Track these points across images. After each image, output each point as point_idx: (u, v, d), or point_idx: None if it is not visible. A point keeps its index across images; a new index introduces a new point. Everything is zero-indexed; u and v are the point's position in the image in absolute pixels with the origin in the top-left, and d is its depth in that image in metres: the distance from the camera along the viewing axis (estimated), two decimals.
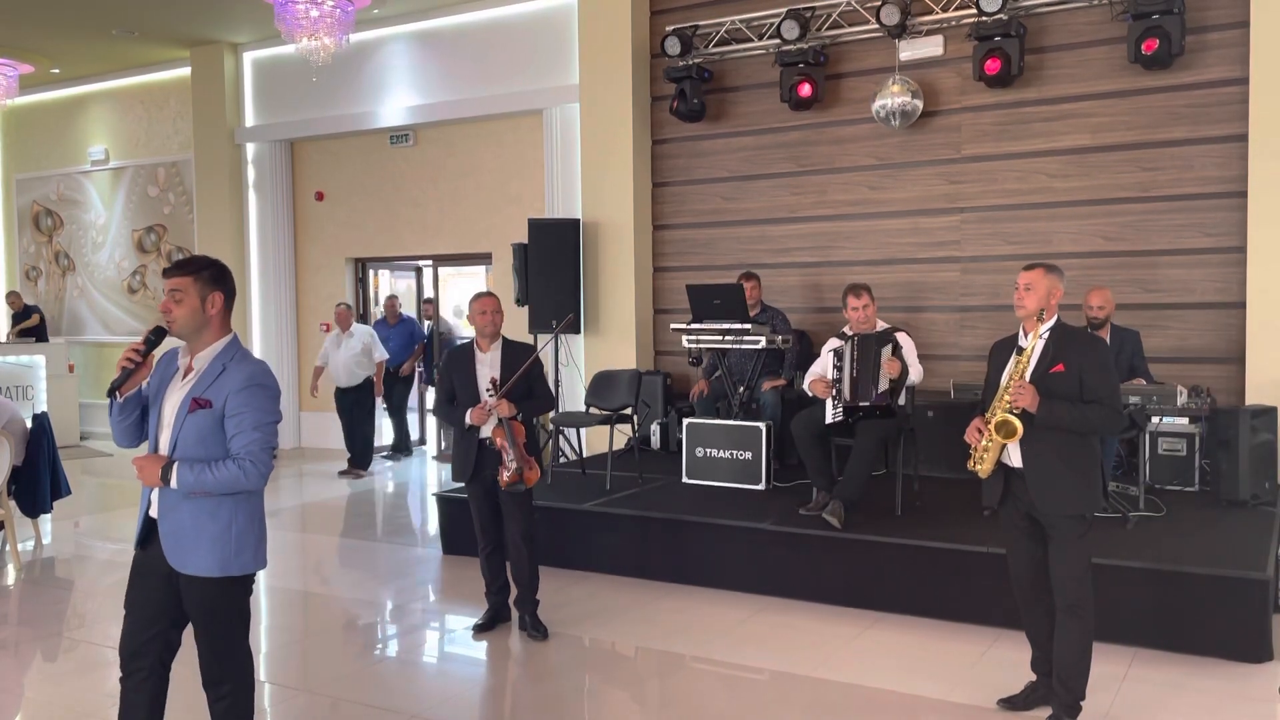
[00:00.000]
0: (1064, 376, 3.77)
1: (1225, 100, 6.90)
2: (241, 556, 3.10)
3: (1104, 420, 3.79)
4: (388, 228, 10.75)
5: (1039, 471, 3.79)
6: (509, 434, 4.86)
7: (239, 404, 3.00)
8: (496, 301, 5.09)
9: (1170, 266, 7.13)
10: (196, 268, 3.08)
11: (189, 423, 3.01)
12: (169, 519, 3.04)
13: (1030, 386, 3.73)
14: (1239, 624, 4.56)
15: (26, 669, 4.86)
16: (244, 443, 3.00)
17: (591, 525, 6.25)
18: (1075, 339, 3.87)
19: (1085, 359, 3.78)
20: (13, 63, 11.48)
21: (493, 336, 5.04)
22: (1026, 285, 3.87)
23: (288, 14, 8.34)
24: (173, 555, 3.04)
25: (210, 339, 3.08)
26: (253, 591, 3.23)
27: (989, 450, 3.83)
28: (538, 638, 5.04)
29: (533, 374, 5.02)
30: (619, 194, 8.92)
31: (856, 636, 5.01)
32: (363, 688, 4.51)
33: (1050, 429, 3.75)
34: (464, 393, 4.98)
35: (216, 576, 3.06)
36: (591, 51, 8.98)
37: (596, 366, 8.41)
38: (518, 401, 4.93)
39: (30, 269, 13.67)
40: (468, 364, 5.03)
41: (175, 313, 3.03)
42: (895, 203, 8.03)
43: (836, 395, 5.83)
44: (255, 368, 3.08)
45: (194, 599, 3.08)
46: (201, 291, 3.05)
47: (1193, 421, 6.37)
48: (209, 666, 3.14)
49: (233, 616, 3.15)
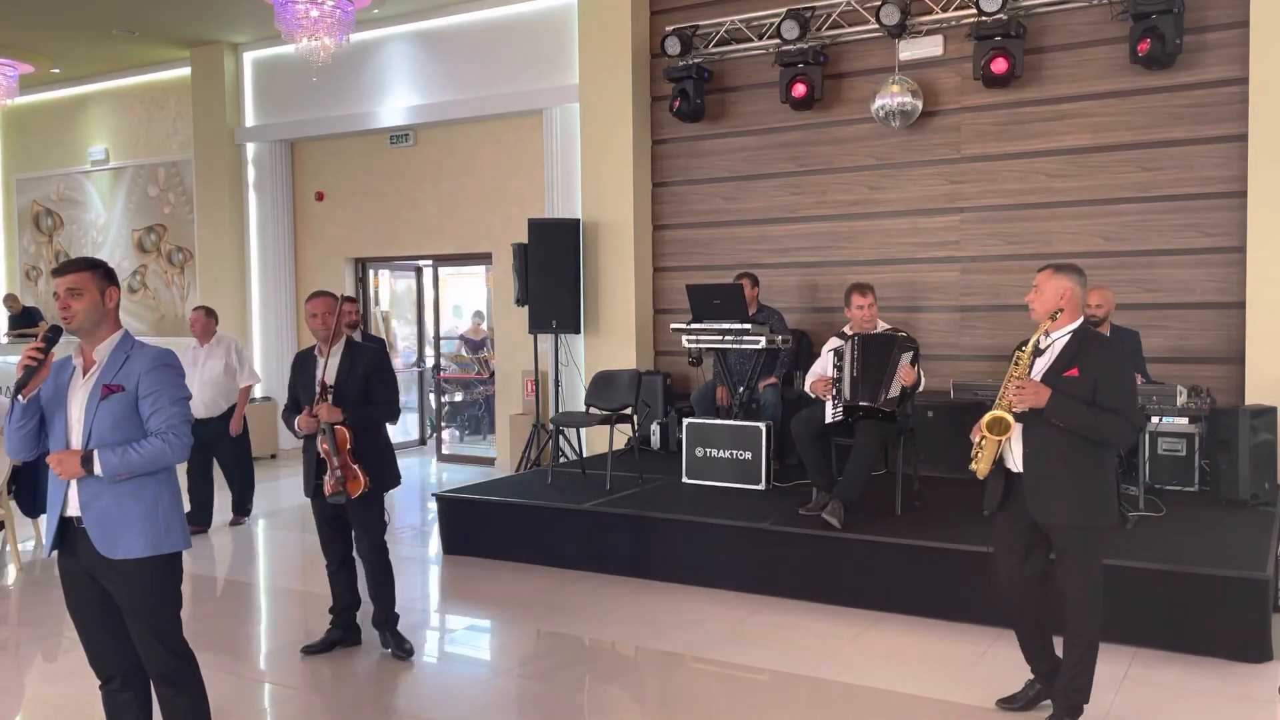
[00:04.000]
0: (1077, 382, 3.63)
1: (1225, 100, 6.91)
2: (171, 534, 3.14)
3: (1117, 430, 3.64)
4: (388, 228, 10.75)
5: (1037, 474, 3.68)
6: (331, 440, 4.60)
7: (152, 383, 3.09)
8: (331, 302, 4.74)
9: (1170, 266, 7.13)
10: (91, 264, 3.15)
11: (102, 409, 3.04)
12: (93, 508, 3.05)
13: (1034, 384, 3.62)
14: (1239, 624, 4.56)
15: (26, 669, 4.86)
16: (164, 418, 3.08)
17: (591, 525, 6.26)
18: (1096, 345, 3.73)
19: (1104, 367, 3.65)
20: (13, 63, 11.49)
21: (328, 339, 4.72)
22: (1034, 287, 3.81)
23: (288, 14, 8.34)
24: (101, 543, 3.03)
25: (107, 332, 3.15)
26: (182, 577, 3.22)
27: (984, 448, 3.75)
28: (402, 657, 4.78)
29: (374, 378, 4.74)
30: (619, 194, 8.92)
31: (856, 636, 5.01)
32: (363, 688, 4.51)
33: (1056, 431, 3.63)
34: (305, 398, 4.73)
35: (149, 556, 3.07)
36: (591, 51, 8.98)
37: (596, 366, 8.41)
38: (350, 407, 4.64)
39: (30, 269, 13.67)
40: (309, 368, 4.77)
41: (75, 307, 3.07)
42: (895, 203, 8.03)
43: (836, 395, 5.83)
44: (158, 351, 3.19)
45: (127, 586, 3.07)
46: (100, 285, 3.12)
47: (1192, 421, 6.37)
48: (153, 656, 3.12)
49: (169, 599, 3.16)
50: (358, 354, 4.76)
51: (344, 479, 4.63)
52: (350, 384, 4.68)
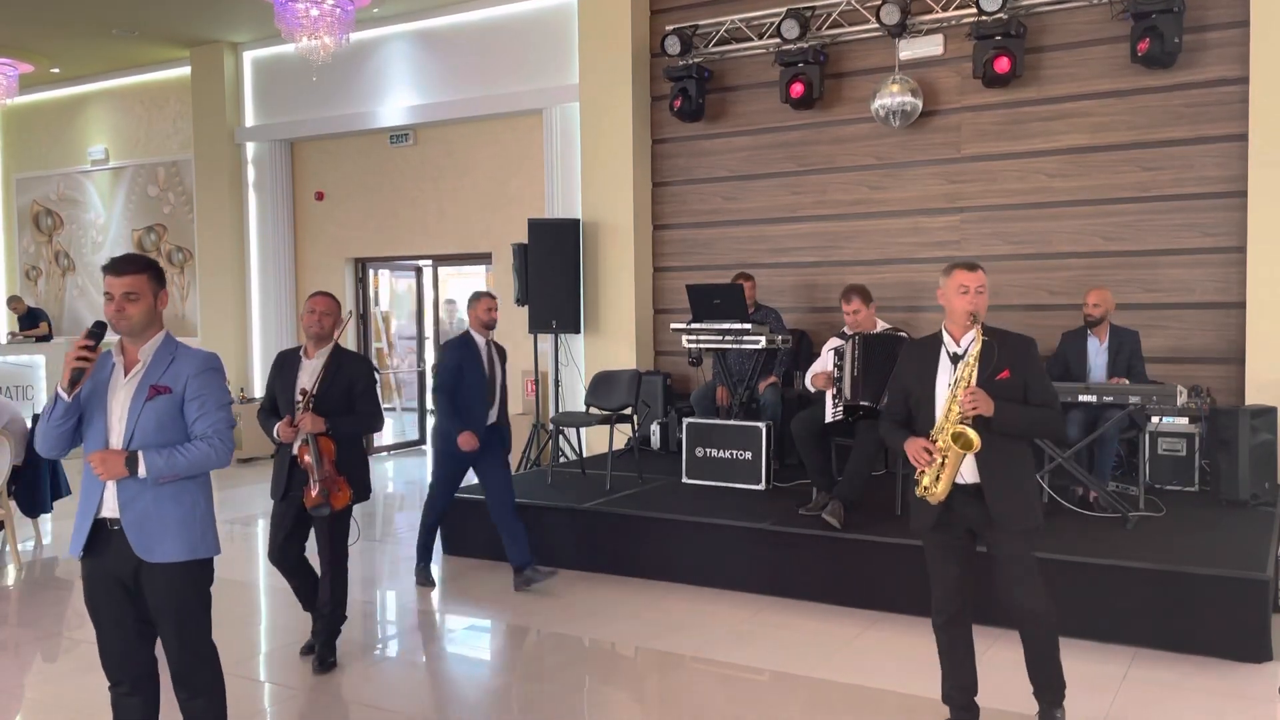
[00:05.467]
0: (1009, 383, 3.53)
1: (1225, 100, 6.90)
2: (206, 539, 3.14)
3: (1054, 423, 3.62)
4: (388, 228, 10.75)
5: (998, 483, 3.55)
6: (315, 451, 4.45)
7: (200, 387, 3.07)
8: (330, 302, 4.66)
9: (1170, 266, 7.13)
10: (146, 265, 3.10)
11: (147, 410, 3.03)
12: (132, 510, 3.02)
13: (982, 391, 3.45)
14: (1239, 624, 4.56)
15: (26, 669, 4.86)
16: (210, 422, 3.07)
17: (591, 525, 6.25)
18: (1012, 342, 3.61)
19: (1028, 364, 3.59)
20: (13, 62, 11.49)
21: (319, 340, 4.63)
22: (980, 287, 3.63)
23: (288, 13, 8.34)
24: (139, 545, 3.02)
25: (153, 333, 3.12)
26: (213, 579, 3.22)
27: (946, 468, 3.52)
28: (320, 671, 4.62)
29: (358, 388, 4.61)
30: (619, 194, 8.92)
31: (856, 636, 5.01)
32: (363, 688, 4.51)
33: (1000, 437, 3.51)
34: (283, 400, 4.57)
35: (185, 561, 3.06)
36: (591, 51, 8.98)
37: (596, 366, 8.41)
38: (332, 416, 4.50)
39: (30, 269, 13.67)
40: (290, 370, 4.64)
41: (130, 311, 3.04)
42: (895, 202, 8.03)
43: (837, 395, 5.82)
44: (205, 354, 3.17)
45: (161, 589, 3.06)
46: (154, 289, 3.09)
47: (1192, 421, 6.37)
48: (180, 660, 3.11)
49: (202, 603, 3.16)
50: (344, 362, 4.63)
51: (327, 491, 4.49)
52: (333, 391, 4.55)
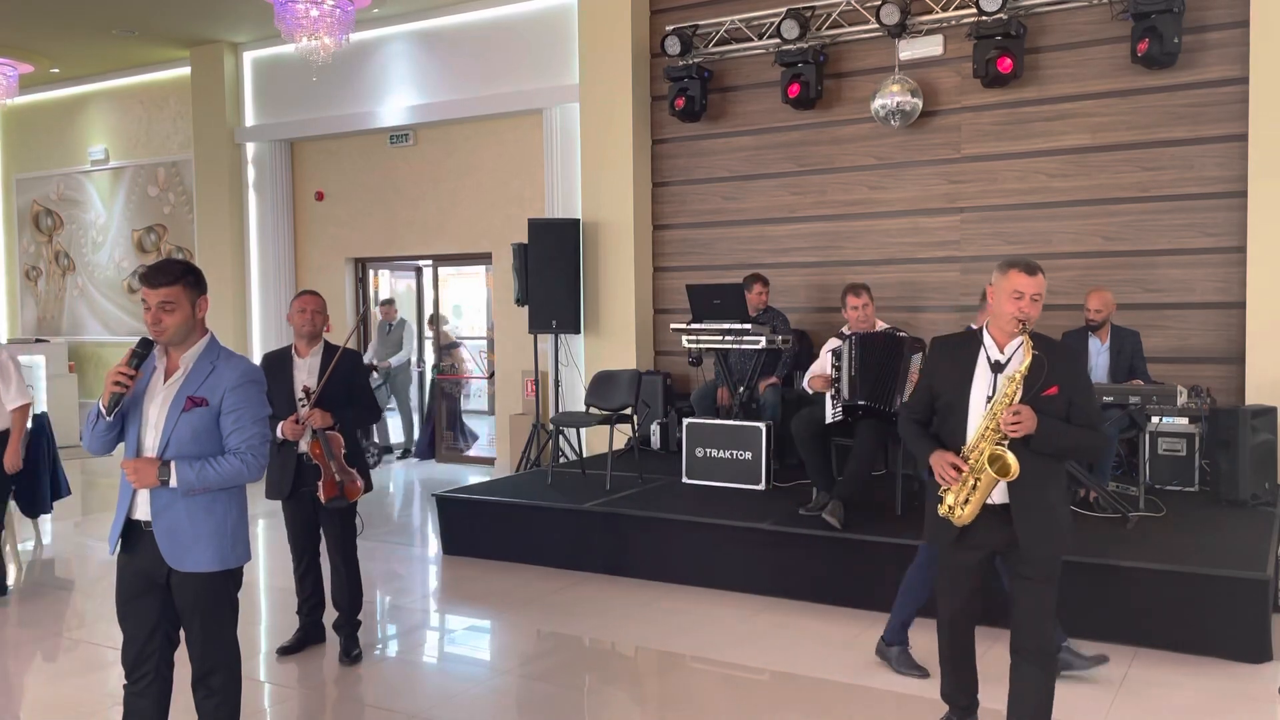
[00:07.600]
0: (1054, 400, 3.24)
1: (1225, 100, 6.90)
2: (237, 548, 3.15)
3: (1095, 445, 3.39)
4: (388, 228, 10.75)
5: (1029, 507, 3.27)
6: (326, 446, 4.51)
7: (237, 401, 3.05)
8: (320, 301, 4.71)
9: (1170, 266, 7.12)
10: (181, 274, 3.05)
11: (183, 421, 3.01)
12: (164, 518, 3.03)
13: (1029, 409, 3.17)
14: (1239, 624, 4.56)
15: (26, 669, 4.86)
16: (245, 437, 3.05)
17: (591, 525, 6.25)
18: (1060, 355, 3.31)
19: (1076, 381, 3.31)
20: (13, 63, 11.48)
21: (311, 339, 4.66)
22: (1036, 295, 3.28)
23: (288, 14, 8.34)
24: (170, 554, 3.04)
25: (195, 340, 3.10)
26: (241, 584, 3.24)
27: (977, 491, 3.26)
28: (346, 664, 4.72)
29: (355, 382, 4.69)
30: (619, 194, 8.92)
31: (856, 636, 5.01)
32: (363, 687, 4.51)
33: (1036, 457, 3.23)
34: (279, 401, 4.50)
35: (215, 570, 3.07)
36: (591, 51, 8.98)
37: (596, 366, 8.41)
38: (336, 410, 4.55)
39: (30, 269, 13.67)
40: (284, 371, 4.62)
41: (167, 322, 3.01)
42: (895, 202, 8.03)
43: (835, 395, 5.82)
44: (246, 365, 3.13)
45: (189, 595, 3.08)
46: (192, 297, 3.06)
47: (1193, 421, 6.37)
48: (201, 661, 3.14)
49: (227, 609, 3.18)
50: (340, 357, 4.65)
51: (342, 483, 4.58)
52: (332, 386, 4.59)
